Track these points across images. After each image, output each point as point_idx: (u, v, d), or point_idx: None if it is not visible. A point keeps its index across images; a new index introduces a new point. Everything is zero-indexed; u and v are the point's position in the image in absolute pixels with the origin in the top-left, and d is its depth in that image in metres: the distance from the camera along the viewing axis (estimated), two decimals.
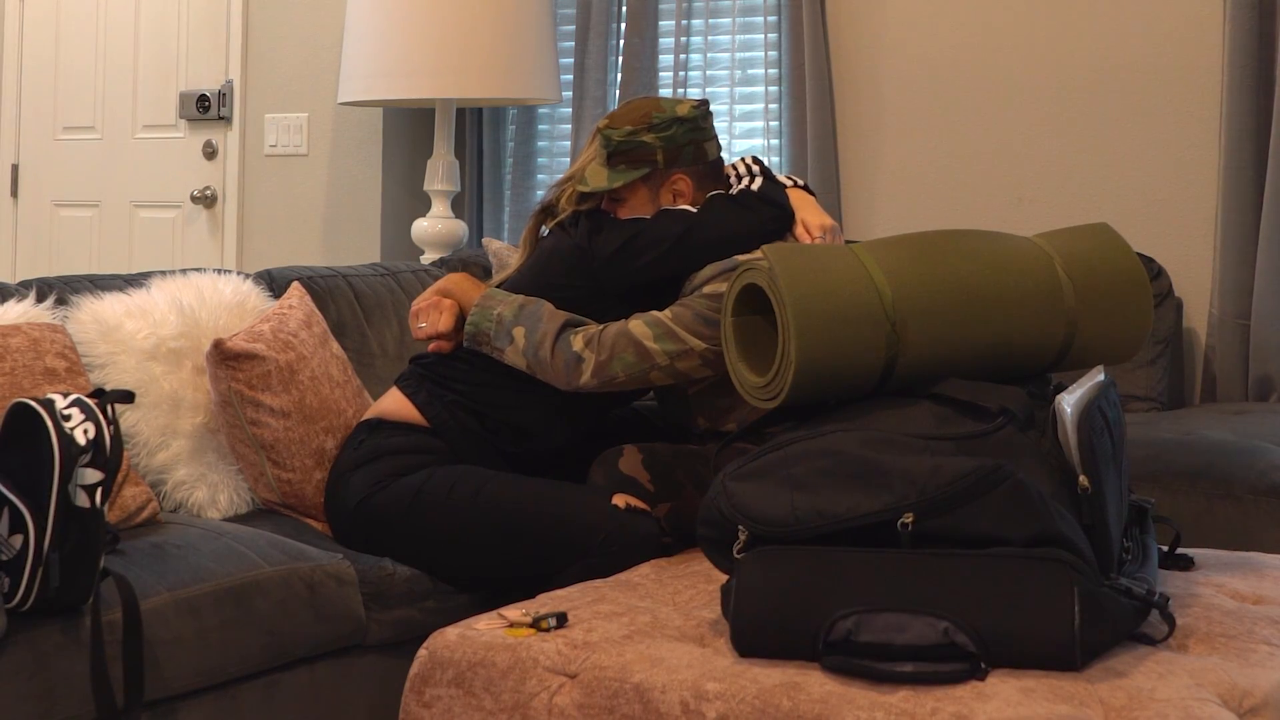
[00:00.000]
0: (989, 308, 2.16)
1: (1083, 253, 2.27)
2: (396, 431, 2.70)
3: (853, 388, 2.12)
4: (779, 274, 2.06)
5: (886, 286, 2.10)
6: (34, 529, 2.01)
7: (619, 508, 2.55)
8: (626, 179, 2.69)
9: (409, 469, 2.65)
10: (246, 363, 2.68)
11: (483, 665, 1.96)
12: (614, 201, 2.73)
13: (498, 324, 2.66)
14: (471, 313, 2.69)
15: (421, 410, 2.71)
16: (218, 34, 4.84)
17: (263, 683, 2.36)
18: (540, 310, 2.64)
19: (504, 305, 2.67)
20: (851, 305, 2.08)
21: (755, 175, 2.74)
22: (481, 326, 2.67)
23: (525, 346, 2.62)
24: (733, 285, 2.20)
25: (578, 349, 2.59)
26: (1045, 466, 1.97)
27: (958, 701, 1.71)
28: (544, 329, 2.61)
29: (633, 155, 2.69)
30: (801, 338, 2.04)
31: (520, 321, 2.64)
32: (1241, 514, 2.81)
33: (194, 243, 4.89)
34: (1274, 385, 3.53)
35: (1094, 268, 2.26)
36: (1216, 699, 1.74)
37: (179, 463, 2.71)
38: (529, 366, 2.64)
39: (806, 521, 1.91)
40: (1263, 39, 3.52)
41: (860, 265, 2.13)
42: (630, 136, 2.69)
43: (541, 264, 2.76)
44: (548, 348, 2.61)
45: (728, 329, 2.22)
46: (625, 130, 2.70)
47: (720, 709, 1.78)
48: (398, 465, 2.66)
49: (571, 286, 2.70)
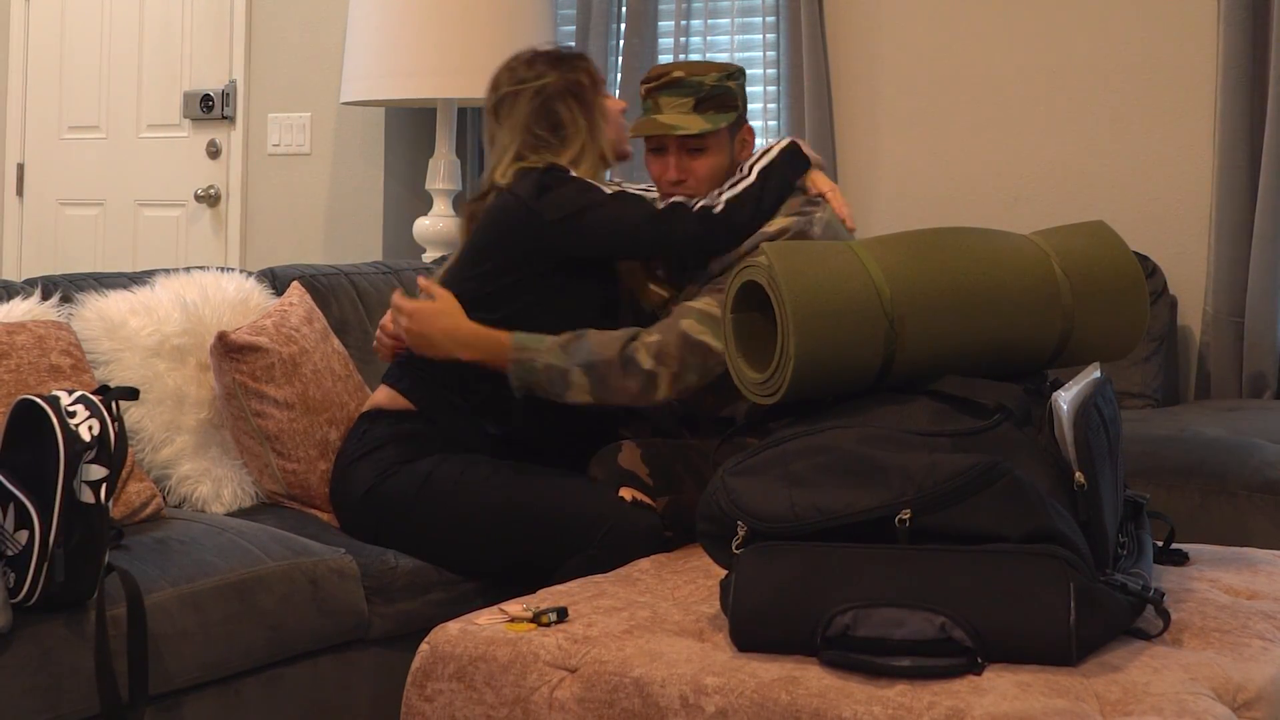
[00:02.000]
0: (986, 305, 2.17)
1: (1079, 250, 2.28)
2: (395, 420, 2.72)
3: (851, 384, 2.13)
4: (778, 271, 2.08)
5: (885, 284, 2.11)
6: (39, 524, 2.02)
7: (624, 500, 2.56)
8: (719, 124, 2.68)
9: (414, 455, 2.66)
10: (250, 355, 2.70)
11: (484, 660, 1.97)
12: (695, 151, 2.70)
13: (548, 374, 2.57)
14: (512, 371, 2.60)
15: (408, 396, 2.72)
16: (221, 34, 4.86)
17: (266, 677, 2.37)
18: (586, 344, 2.57)
19: (544, 354, 2.58)
20: (850, 302, 2.08)
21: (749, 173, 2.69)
22: (530, 380, 2.59)
23: (589, 385, 2.56)
24: (732, 282, 2.21)
25: (648, 367, 2.54)
26: (1042, 463, 1.97)
27: (954, 696, 1.72)
28: (603, 359, 2.55)
29: (721, 101, 2.69)
30: (800, 334, 2.05)
31: (573, 362, 2.56)
32: (1235, 510, 2.82)
33: (198, 241, 4.90)
34: (1267, 382, 3.54)
35: (1090, 265, 2.27)
36: (1211, 693, 1.75)
37: (183, 458, 2.72)
38: (597, 400, 2.58)
39: (805, 517, 1.91)
40: (1256, 40, 3.53)
41: (859, 262, 2.13)
42: (721, 82, 2.69)
43: (482, 226, 2.72)
44: (616, 376, 2.55)
45: (727, 325, 2.23)
46: (715, 76, 2.69)
47: (719, 703, 1.79)
48: (402, 452, 2.67)
49: (510, 247, 2.66)
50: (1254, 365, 3.54)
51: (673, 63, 2.79)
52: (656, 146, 2.74)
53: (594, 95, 2.76)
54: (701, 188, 2.70)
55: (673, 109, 2.68)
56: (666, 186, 2.74)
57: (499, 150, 2.76)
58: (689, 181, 2.71)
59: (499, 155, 2.76)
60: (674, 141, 2.70)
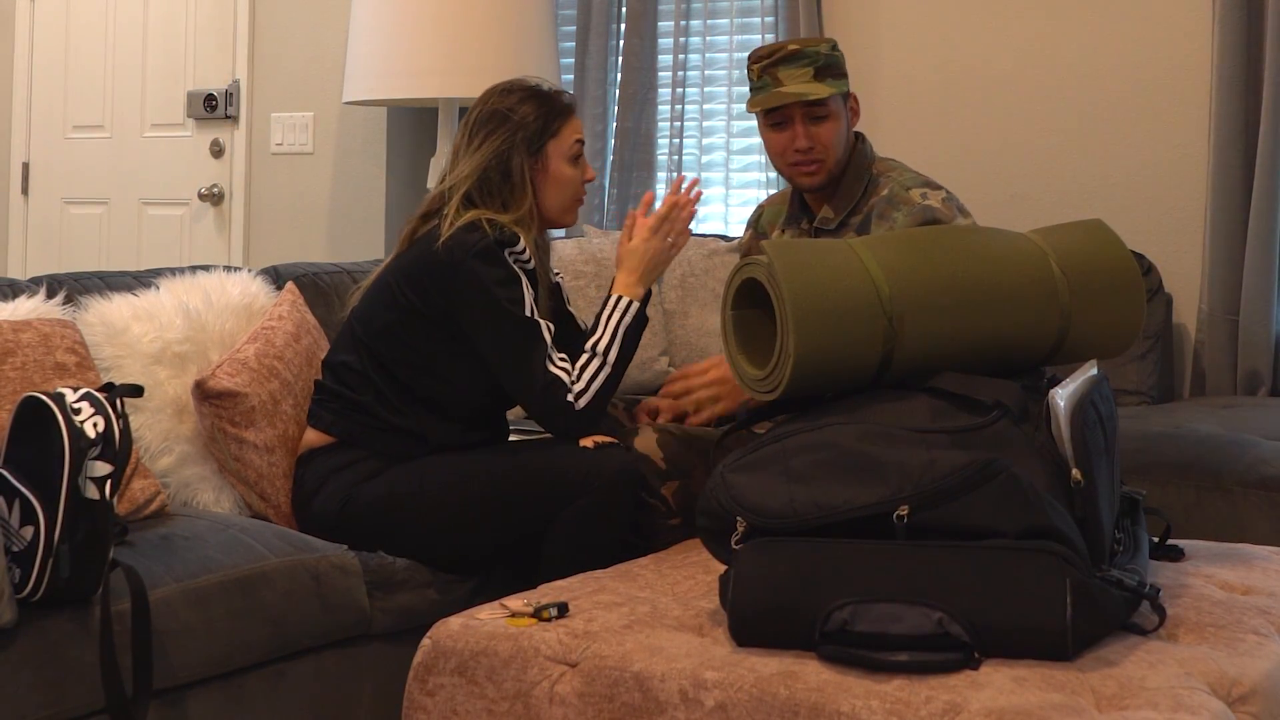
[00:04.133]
0: (985, 303, 2.18)
1: (1077, 248, 2.28)
2: (328, 454, 2.71)
3: (850, 381, 2.14)
4: (777, 269, 2.09)
5: (884, 282, 2.12)
6: (44, 521, 2.02)
7: (589, 448, 2.58)
8: (840, 89, 2.73)
9: (363, 478, 2.66)
10: (229, 400, 2.67)
11: (485, 654, 1.97)
12: (820, 119, 2.73)
13: None
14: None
15: (330, 431, 2.71)
16: (225, 35, 4.87)
17: (269, 672, 2.37)
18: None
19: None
20: (849, 299, 2.09)
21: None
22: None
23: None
24: (732, 279, 2.23)
25: None
26: (1039, 460, 1.97)
27: (951, 690, 1.72)
28: None
29: (837, 69, 2.74)
30: (799, 332, 2.06)
31: None
32: (1230, 506, 2.83)
33: (201, 239, 4.91)
34: (1262, 379, 3.54)
35: (1088, 263, 2.27)
36: (1206, 688, 1.76)
37: (182, 467, 2.70)
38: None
39: (804, 513, 1.92)
40: (1251, 40, 3.54)
41: (858, 260, 2.14)
42: (832, 51, 2.73)
43: (411, 260, 2.68)
44: None
45: (727, 322, 2.24)
46: (826, 46, 2.73)
47: (718, 697, 1.80)
48: (351, 476, 2.66)
49: (427, 288, 2.64)
50: (1248, 362, 3.54)
51: (782, 40, 2.80)
52: (778, 121, 2.76)
53: (555, 162, 2.71)
54: (829, 154, 2.75)
55: (794, 80, 2.71)
56: (794, 156, 2.76)
57: (456, 176, 2.70)
58: (816, 148, 2.74)
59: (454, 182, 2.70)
60: (800, 111, 2.73)
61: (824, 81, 2.72)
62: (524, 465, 2.62)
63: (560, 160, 2.72)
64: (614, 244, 3.81)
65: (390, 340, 2.69)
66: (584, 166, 2.77)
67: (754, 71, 2.77)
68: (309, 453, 2.74)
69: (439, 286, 2.63)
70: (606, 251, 3.75)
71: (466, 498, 2.61)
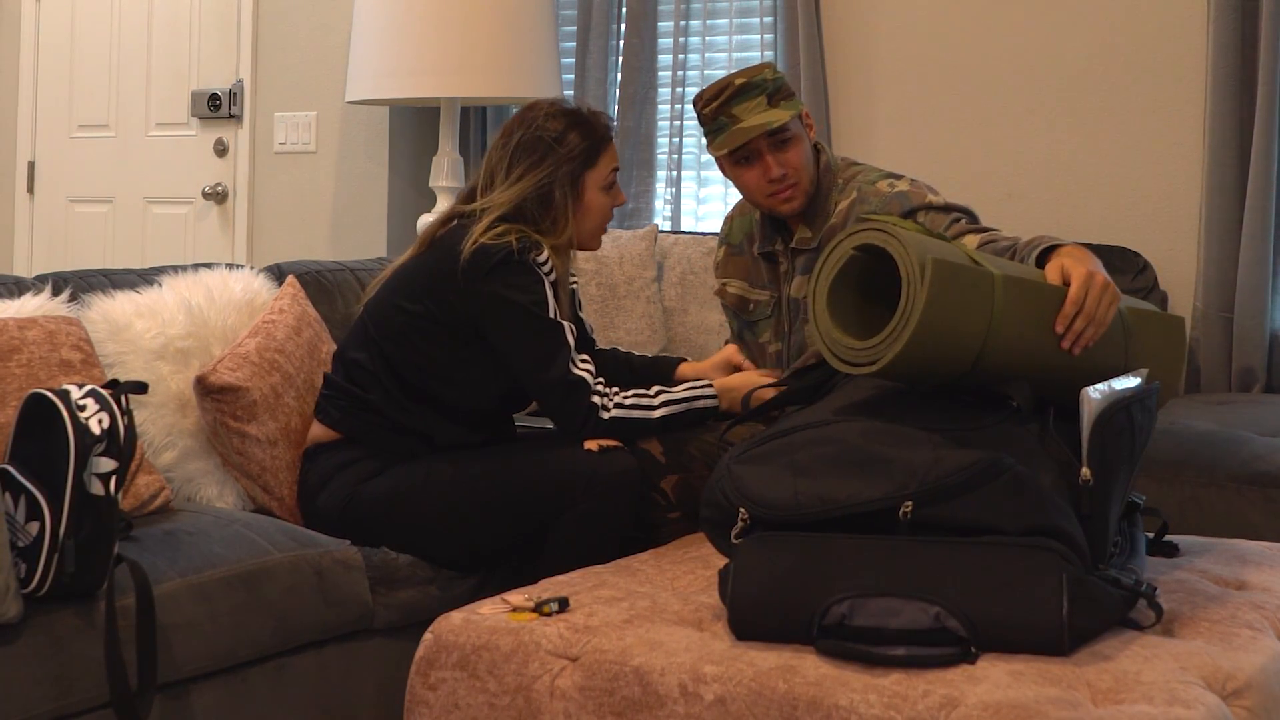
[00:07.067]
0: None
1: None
2: (333, 450, 2.72)
3: (941, 376, 2.05)
4: (916, 242, 2.00)
5: (1001, 300, 2.03)
6: (50, 516, 2.04)
7: (592, 451, 2.59)
8: (796, 109, 2.72)
9: (368, 475, 2.67)
10: (230, 395, 2.67)
11: (486, 649, 1.98)
12: (785, 144, 2.72)
13: None
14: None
15: (337, 428, 2.73)
16: (229, 35, 4.88)
17: (272, 666, 2.38)
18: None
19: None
20: (973, 292, 2.01)
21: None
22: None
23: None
24: (840, 246, 2.10)
25: None
26: (1045, 458, 1.98)
27: (949, 684, 1.73)
28: None
29: (785, 91, 2.73)
30: (930, 305, 1.94)
31: None
32: (1225, 502, 2.83)
33: (205, 238, 4.92)
34: (1256, 376, 3.55)
35: (1146, 319, 2.28)
36: (1200, 682, 1.76)
37: (185, 462, 2.71)
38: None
39: (808, 506, 1.92)
40: (1245, 38, 3.54)
41: (988, 273, 2.05)
42: (775, 75, 2.72)
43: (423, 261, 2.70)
44: None
45: (822, 289, 2.11)
46: (769, 72, 2.72)
47: (718, 691, 1.80)
48: (356, 474, 2.67)
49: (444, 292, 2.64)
50: (1243, 360, 3.55)
51: (722, 77, 2.76)
52: (745, 157, 2.73)
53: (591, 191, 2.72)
54: (802, 176, 2.73)
55: (751, 113, 2.69)
56: (769, 187, 2.74)
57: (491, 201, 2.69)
58: (789, 173, 2.72)
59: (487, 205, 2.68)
60: (765, 142, 2.70)
61: (778, 106, 2.70)
62: (528, 466, 2.62)
63: (595, 190, 2.72)
64: (614, 243, 3.84)
65: (403, 343, 2.69)
66: (616, 193, 2.77)
67: (707, 115, 2.73)
68: (315, 447, 2.75)
69: (461, 290, 2.62)
70: (607, 251, 3.77)
71: (470, 497, 2.62)
